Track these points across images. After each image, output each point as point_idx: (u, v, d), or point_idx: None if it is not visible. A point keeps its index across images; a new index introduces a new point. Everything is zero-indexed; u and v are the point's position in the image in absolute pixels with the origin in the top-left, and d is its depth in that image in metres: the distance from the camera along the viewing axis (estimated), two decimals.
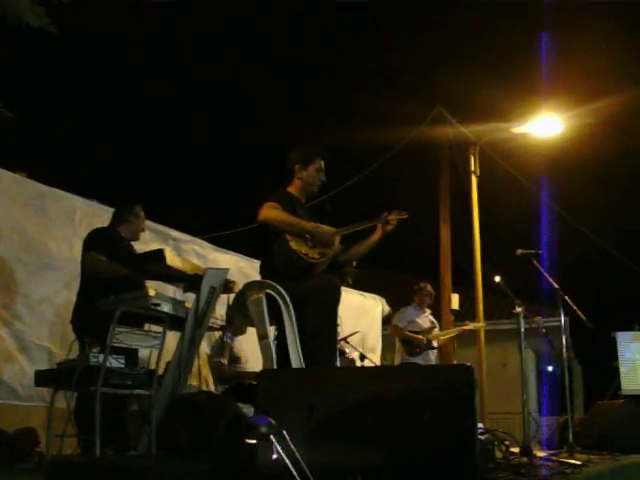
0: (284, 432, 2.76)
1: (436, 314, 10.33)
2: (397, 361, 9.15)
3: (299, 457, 2.71)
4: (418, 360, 8.80)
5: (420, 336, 8.91)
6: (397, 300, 9.91)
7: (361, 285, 10.12)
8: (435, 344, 9.09)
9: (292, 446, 2.72)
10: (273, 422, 2.78)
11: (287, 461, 2.62)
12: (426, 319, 9.18)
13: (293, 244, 5.12)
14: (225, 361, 7.02)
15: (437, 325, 9.49)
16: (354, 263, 5.84)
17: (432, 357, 9.06)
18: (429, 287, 9.29)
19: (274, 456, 2.67)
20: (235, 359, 7.13)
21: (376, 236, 5.51)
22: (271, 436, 2.70)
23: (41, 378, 4.87)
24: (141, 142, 20.72)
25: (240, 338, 7.30)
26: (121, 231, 5.93)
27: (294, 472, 2.64)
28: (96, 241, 5.69)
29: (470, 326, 10.35)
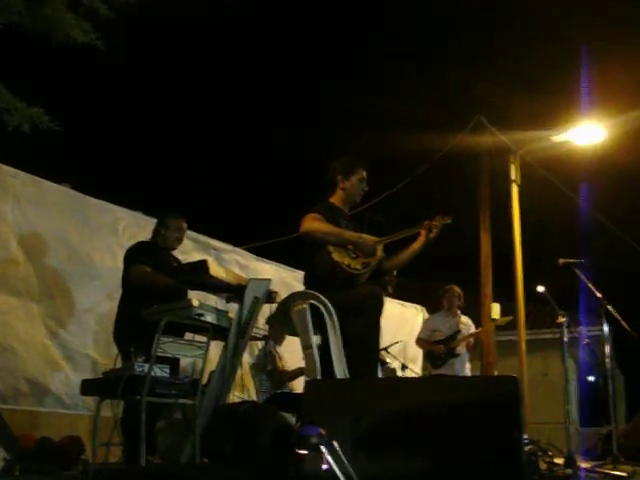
0: (334, 442, 2.77)
1: (477, 324, 10.24)
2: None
3: (349, 468, 2.72)
4: (443, 371, 8.55)
5: (439, 346, 8.70)
6: (437, 309, 9.86)
7: (401, 295, 10.11)
8: (461, 350, 8.79)
9: (343, 457, 2.72)
10: (323, 432, 2.79)
11: (338, 472, 2.63)
12: (454, 324, 8.87)
13: (335, 255, 5.13)
14: (280, 366, 7.05)
15: (471, 327, 9.13)
16: (394, 272, 5.83)
17: (458, 367, 8.67)
18: (455, 288, 9.04)
19: (324, 466, 2.68)
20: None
21: (419, 243, 5.47)
22: (321, 446, 2.71)
23: (87, 387, 4.92)
24: (184, 153, 20.91)
25: (282, 346, 7.33)
26: (159, 243, 5.97)
27: None
28: (140, 254, 5.74)
29: (498, 322, 10.25)
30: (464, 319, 9.01)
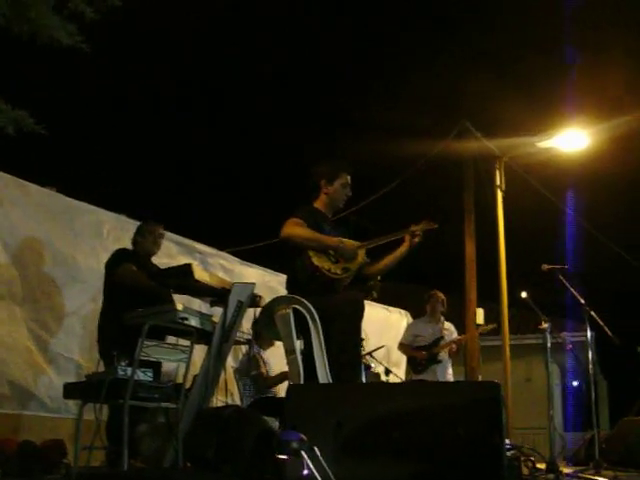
0: (315, 448, 2.78)
1: (461, 329, 10.26)
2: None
3: (330, 473, 2.73)
4: (424, 377, 8.51)
5: (421, 353, 8.69)
6: (421, 314, 9.88)
7: (386, 299, 10.10)
8: (444, 356, 8.77)
9: (323, 462, 2.73)
10: (304, 438, 2.79)
11: (318, 477, 2.63)
12: (436, 330, 8.84)
13: (316, 260, 5.15)
14: (264, 371, 7.05)
15: (453, 334, 9.05)
16: (378, 277, 5.83)
17: (440, 373, 8.64)
18: (439, 293, 8.99)
19: (305, 472, 2.68)
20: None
21: (404, 248, 5.47)
22: (302, 452, 2.71)
23: (70, 391, 4.89)
24: (170, 157, 20.90)
25: (268, 351, 7.32)
26: (138, 251, 5.99)
27: None
28: (124, 256, 5.76)
29: (482, 329, 10.30)
30: (447, 325, 8.98)
